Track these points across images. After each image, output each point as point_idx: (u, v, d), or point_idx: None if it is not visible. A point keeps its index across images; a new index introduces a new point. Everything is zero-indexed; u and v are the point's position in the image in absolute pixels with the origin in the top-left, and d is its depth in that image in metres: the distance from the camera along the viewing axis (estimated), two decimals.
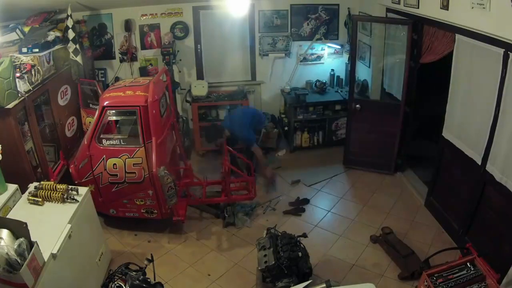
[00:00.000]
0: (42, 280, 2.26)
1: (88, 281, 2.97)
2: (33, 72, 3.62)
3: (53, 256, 2.45)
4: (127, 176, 3.61)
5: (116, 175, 3.61)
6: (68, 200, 2.92)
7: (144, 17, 5.31)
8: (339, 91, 5.65)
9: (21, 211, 2.80)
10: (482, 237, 3.25)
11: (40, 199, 2.88)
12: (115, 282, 2.40)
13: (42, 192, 2.91)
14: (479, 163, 3.20)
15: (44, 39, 4.02)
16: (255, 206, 4.29)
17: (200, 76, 5.71)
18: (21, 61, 3.59)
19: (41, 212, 2.82)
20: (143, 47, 5.45)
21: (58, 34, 4.28)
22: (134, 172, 3.60)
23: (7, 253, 2.07)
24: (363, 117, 4.88)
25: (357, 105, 4.84)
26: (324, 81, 5.73)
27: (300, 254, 2.89)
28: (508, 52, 2.72)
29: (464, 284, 2.71)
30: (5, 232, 2.17)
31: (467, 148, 3.39)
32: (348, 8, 5.51)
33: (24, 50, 3.76)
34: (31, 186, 3.02)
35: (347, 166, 5.19)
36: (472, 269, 2.79)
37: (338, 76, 5.83)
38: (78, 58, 4.40)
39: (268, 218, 4.20)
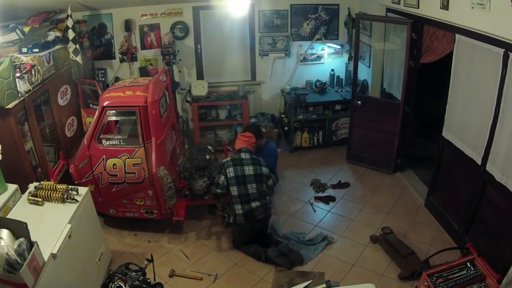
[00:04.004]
0: (42, 280, 2.26)
1: (88, 281, 2.97)
2: (33, 72, 3.62)
3: (53, 256, 2.45)
4: (127, 176, 3.61)
5: (116, 175, 3.61)
6: (68, 200, 2.91)
7: (144, 17, 5.31)
8: (339, 91, 5.65)
9: (21, 211, 2.80)
10: (482, 237, 3.25)
11: (40, 199, 2.87)
12: (115, 282, 2.40)
13: (42, 192, 2.90)
14: (479, 163, 3.20)
15: (44, 39, 4.03)
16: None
17: (200, 76, 5.71)
18: (21, 61, 3.59)
19: (41, 212, 2.82)
20: (143, 47, 5.46)
21: (58, 34, 4.28)
22: (134, 172, 3.60)
23: (7, 253, 2.07)
24: (364, 115, 4.92)
25: (358, 102, 4.87)
26: (324, 81, 5.73)
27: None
28: (508, 52, 2.72)
29: (464, 284, 2.71)
30: (5, 232, 2.16)
31: (467, 148, 3.39)
32: (348, 8, 5.51)
33: (24, 50, 3.76)
34: (31, 186, 3.02)
35: (349, 162, 5.26)
36: (472, 269, 2.79)
37: (338, 76, 5.83)
38: (78, 58, 4.40)
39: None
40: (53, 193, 2.90)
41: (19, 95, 3.37)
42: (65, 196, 2.91)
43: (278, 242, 3.76)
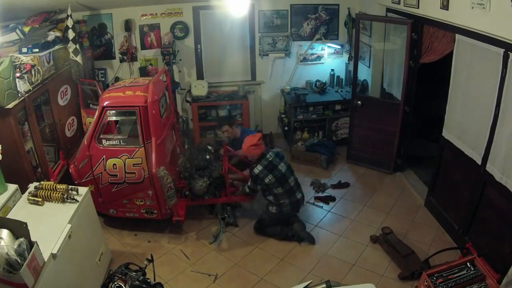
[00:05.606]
0: (42, 280, 2.26)
1: (88, 281, 2.97)
2: (33, 72, 3.62)
3: (53, 256, 2.45)
4: (127, 176, 3.61)
5: (116, 175, 3.62)
6: (68, 200, 2.92)
7: (144, 17, 5.31)
8: (339, 91, 5.65)
9: (21, 211, 2.80)
10: (482, 237, 3.25)
11: (40, 199, 2.88)
12: (115, 282, 2.40)
13: (42, 192, 2.91)
14: (479, 163, 3.20)
15: (44, 39, 4.03)
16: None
17: (200, 76, 5.71)
18: (21, 61, 3.59)
19: (41, 212, 2.82)
20: (143, 47, 5.46)
21: (58, 34, 4.29)
22: (134, 172, 3.60)
23: (7, 253, 2.07)
24: (364, 115, 4.93)
25: (358, 102, 4.88)
26: (324, 81, 5.73)
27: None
28: (508, 52, 2.72)
29: (464, 284, 2.72)
30: (5, 232, 2.17)
31: (467, 148, 3.39)
32: (348, 8, 5.51)
33: (24, 50, 3.76)
34: (31, 186, 3.02)
35: (349, 162, 5.27)
36: (472, 269, 2.79)
37: (338, 76, 5.83)
38: (78, 58, 4.40)
39: None
40: (53, 193, 2.90)
41: (19, 95, 3.37)
42: (65, 196, 2.91)
43: (299, 220, 4.00)
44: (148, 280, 2.41)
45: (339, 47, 5.69)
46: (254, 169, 3.68)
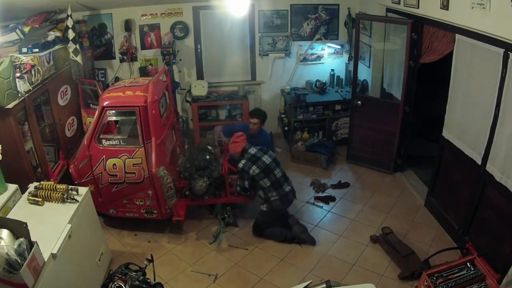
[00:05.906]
0: (42, 280, 2.26)
1: (88, 281, 2.97)
2: (33, 72, 3.62)
3: (53, 256, 2.45)
4: (126, 176, 3.61)
5: (116, 175, 3.62)
6: (68, 200, 2.92)
7: (144, 17, 5.31)
8: (339, 91, 5.65)
9: (21, 211, 2.80)
10: (482, 237, 3.25)
11: (40, 199, 2.87)
12: (115, 282, 2.40)
13: (42, 192, 2.90)
14: (479, 163, 3.20)
15: (44, 39, 4.03)
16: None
17: (200, 76, 5.71)
18: (21, 61, 3.59)
19: (41, 212, 2.82)
20: (143, 47, 5.46)
21: (58, 34, 4.29)
22: (134, 172, 3.60)
23: (7, 253, 2.07)
24: (364, 115, 4.93)
25: (358, 102, 4.88)
26: (324, 81, 5.73)
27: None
28: (508, 52, 2.72)
29: (464, 284, 2.72)
30: (5, 232, 2.16)
31: (467, 148, 3.39)
32: (348, 8, 5.51)
33: (24, 50, 3.76)
34: (31, 186, 3.02)
35: (349, 162, 5.28)
36: (472, 269, 2.79)
37: (338, 76, 5.83)
38: (78, 58, 4.40)
39: None
40: (53, 193, 2.90)
41: (19, 95, 3.37)
42: (65, 196, 2.91)
43: (298, 222, 3.98)
44: (148, 280, 2.40)
45: (339, 47, 5.70)
46: (238, 165, 3.76)
